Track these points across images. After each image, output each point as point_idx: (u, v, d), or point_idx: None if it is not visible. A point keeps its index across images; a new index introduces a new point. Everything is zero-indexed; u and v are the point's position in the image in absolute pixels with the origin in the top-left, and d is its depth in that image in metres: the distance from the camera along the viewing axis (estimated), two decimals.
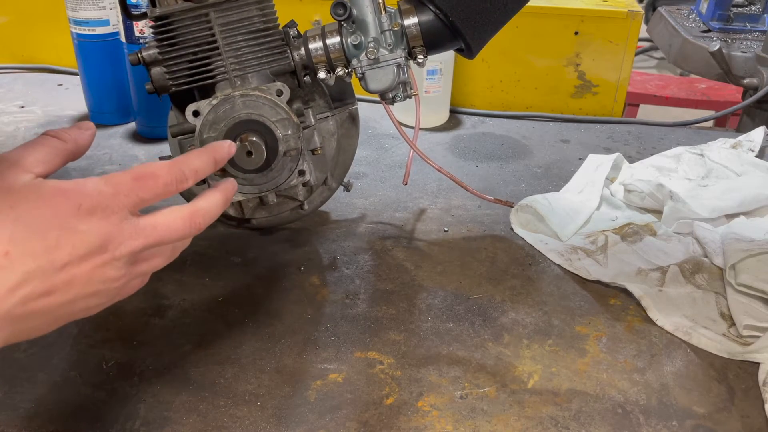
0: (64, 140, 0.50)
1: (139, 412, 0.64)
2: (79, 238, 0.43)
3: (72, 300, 0.45)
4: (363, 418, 0.64)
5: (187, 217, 0.50)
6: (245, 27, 0.74)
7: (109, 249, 0.45)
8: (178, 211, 0.50)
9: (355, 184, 0.97)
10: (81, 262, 0.44)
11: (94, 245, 0.44)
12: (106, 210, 0.45)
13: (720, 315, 0.77)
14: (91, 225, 0.44)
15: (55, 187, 0.44)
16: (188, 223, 0.50)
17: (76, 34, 1.18)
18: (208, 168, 0.54)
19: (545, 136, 1.26)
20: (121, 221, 0.46)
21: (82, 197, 0.44)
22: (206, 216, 0.52)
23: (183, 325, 0.75)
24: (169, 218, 0.49)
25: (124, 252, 0.46)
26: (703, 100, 2.31)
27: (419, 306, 0.79)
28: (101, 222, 0.44)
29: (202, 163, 0.53)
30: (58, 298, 0.44)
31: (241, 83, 0.75)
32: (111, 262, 0.45)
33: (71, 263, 0.43)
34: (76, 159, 0.51)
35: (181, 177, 0.50)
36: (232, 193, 0.57)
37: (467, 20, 0.75)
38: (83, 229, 0.44)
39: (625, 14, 1.28)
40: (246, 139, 0.72)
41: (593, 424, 0.64)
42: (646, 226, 0.91)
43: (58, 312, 0.45)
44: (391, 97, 0.80)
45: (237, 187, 0.57)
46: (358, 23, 0.75)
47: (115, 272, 0.46)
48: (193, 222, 0.51)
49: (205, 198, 0.53)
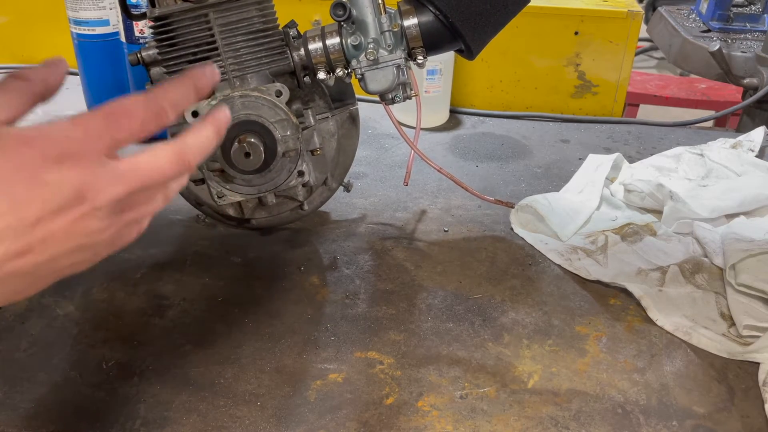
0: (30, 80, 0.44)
1: (139, 412, 0.64)
2: (49, 191, 0.39)
3: (53, 257, 0.41)
4: (363, 418, 0.64)
5: (173, 156, 0.44)
6: (245, 27, 0.74)
7: (87, 199, 0.40)
8: (163, 150, 0.44)
9: (355, 184, 0.97)
10: (56, 217, 0.40)
11: (68, 197, 0.40)
12: (77, 156, 0.40)
13: (720, 315, 0.77)
14: (61, 175, 0.39)
15: (16, 135, 0.40)
16: (176, 163, 0.44)
17: (76, 34, 1.18)
18: (190, 98, 0.47)
19: (545, 136, 1.26)
20: (96, 167, 0.41)
21: (48, 145, 0.39)
22: (196, 153, 0.46)
23: (183, 325, 0.75)
24: (152, 159, 0.44)
25: (105, 201, 0.41)
26: (703, 100, 2.31)
27: (419, 306, 0.79)
28: (73, 170, 0.40)
29: (182, 93, 0.46)
30: (37, 257, 0.40)
31: (240, 84, 0.75)
32: (91, 213, 0.41)
33: (44, 218, 0.39)
34: (46, 101, 0.46)
35: (159, 111, 0.44)
36: (225, 124, 0.49)
37: (467, 21, 0.75)
38: (53, 180, 0.39)
39: (625, 14, 1.28)
40: (244, 141, 0.72)
41: (593, 424, 0.64)
42: (646, 226, 0.91)
43: (40, 271, 0.41)
44: (391, 97, 0.80)
45: (229, 116, 0.49)
46: (358, 24, 0.75)
47: (99, 223, 0.42)
48: (181, 160, 0.45)
49: (193, 132, 0.46)
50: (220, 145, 0.73)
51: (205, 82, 0.48)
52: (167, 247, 0.89)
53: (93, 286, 0.81)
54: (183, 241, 0.91)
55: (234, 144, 0.72)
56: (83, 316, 0.76)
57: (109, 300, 0.79)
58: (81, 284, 0.81)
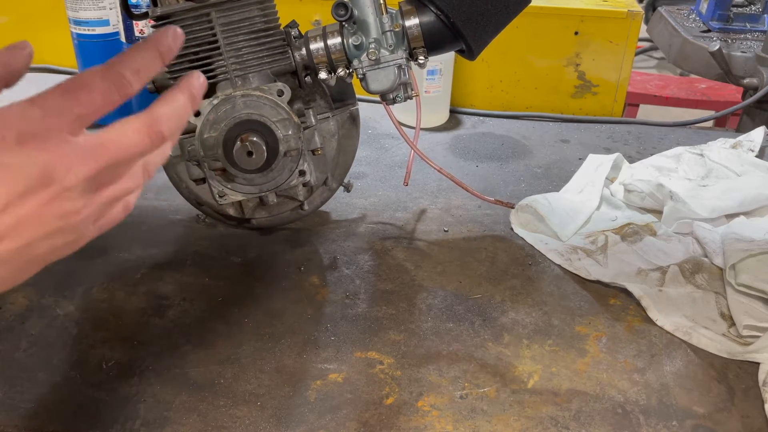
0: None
1: (139, 412, 0.64)
2: (11, 175, 0.37)
3: (29, 243, 0.39)
4: (363, 418, 0.64)
5: (143, 128, 0.42)
6: (246, 27, 0.74)
7: (55, 180, 0.38)
8: (132, 123, 0.42)
9: (355, 184, 0.97)
10: (23, 200, 0.38)
11: (34, 179, 0.38)
12: (39, 136, 0.38)
13: (720, 315, 0.77)
14: (23, 157, 0.38)
15: None
16: (146, 135, 0.42)
17: (76, 34, 1.18)
18: (154, 64, 0.43)
19: (545, 136, 1.26)
20: (60, 146, 0.39)
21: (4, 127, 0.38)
22: (169, 122, 0.43)
23: (183, 325, 0.75)
24: (120, 132, 0.41)
25: (75, 180, 0.39)
26: (703, 100, 2.31)
27: (419, 306, 0.79)
28: (35, 151, 0.38)
29: (144, 59, 0.43)
30: (11, 244, 0.39)
31: (242, 83, 0.75)
32: (62, 194, 0.39)
33: (11, 203, 0.38)
34: (11, 86, 0.44)
35: (120, 81, 0.41)
36: (200, 90, 0.46)
37: (468, 21, 0.75)
38: (15, 163, 0.37)
39: (625, 14, 1.28)
40: (246, 139, 0.72)
41: (593, 424, 0.64)
42: (646, 226, 0.91)
43: (19, 259, 0.40)
44: (392, 97, 0.80)
45: (204, 82, 0.46)
46: (360, 24, 0.75)
47: (72, 204, 0.40)
48: (152, 131, 0.42)
49: (164, 101, 0.44)
50: (223, 144, 0.73)
51: (168, 44, 0.44)
52: (167, 247, 0.89)
53: (93, 286, 0.81)
54: (183, 241, 0.91)
55: (236, 143, 0.72)
56: (83, 316, 0.77)
57: (109, 300, 0.79)
58: (81, 284, 0.81)
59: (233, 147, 0.72)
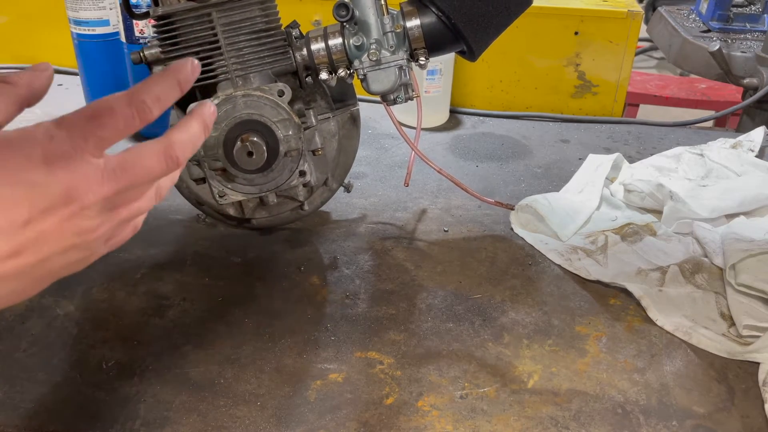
0: (16, 85, 0.45)
1: (139, 412, 0.64)
2: (37, 192, 0.39)
3: (47, 258, 0.41)
4: (363, 418, 0.64)
5: (161, 153, 0.44)
6: (247, 27, 0.74)
7: (76, 199, 0.41)
8: (150, 147, 0.44)
9: (355, 184, 0.97)
10: (46, 217, 0.40)
11: (56, 197, 0.40)
12: (64, 156, 0.40)
13: (720, 315, 0.77)
14: (48, 176, 0.40)
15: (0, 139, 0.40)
16: (163, 159, 0.45)
17: (76, 34, 1.18)
18: (172, 93, 0.47)
19: (545, 136, 1.26)
20: (82, 167, 0.41)
21: (32, 146, 0.40)
22: (183, 148, 0.46)
23: (183, 325, 0.75)
24: (139, 156, 0.44)
25: (94, 200, 0.42)
26: (703, 100, 2.31)
27: (419, 306, 0.79)
28: (59, 171, 0.40)
29: (164, 87, 0.46)
30: (30, 258, 0.40)
31: (242, 83, 0.75)
32: (80, 212, 0.41)
33: (34, 219, 0.39)
34: (32, 105, 0.46)
35: (142, 107, 0.44)
36: (211, 118, 0.49)
37: (469, 23, 0.75)
38: (40, 181, 0.39)
39: (625, 14, 1.28)
40: (247, 140, 0.72)
41: (593, 424, 0.64)
42: (646, 226, 0.91)
43: (35, 272, 0.42)
44: (393, 98, 0.80)
45: (215, 111, 0.50)
46: (361, 24, 0.75)
47: (89, 222, 0.42)
48: (169, 157, 0.45)
49: (180, 128, 0.47)
50: (223, 144, 0.73)
51: (186, 75, 0.47)
52: (167, 247, 0.89)
53: (93, 286, 0.81)
54: (183, 241, 0.91)
55: (237, 143, 0.72)
56: (83, 316, 0.77)
57: (109, 300, 0.79)
58: (81, 284, 0.81)
59: (234, 147, 0.72)
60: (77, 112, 0.42)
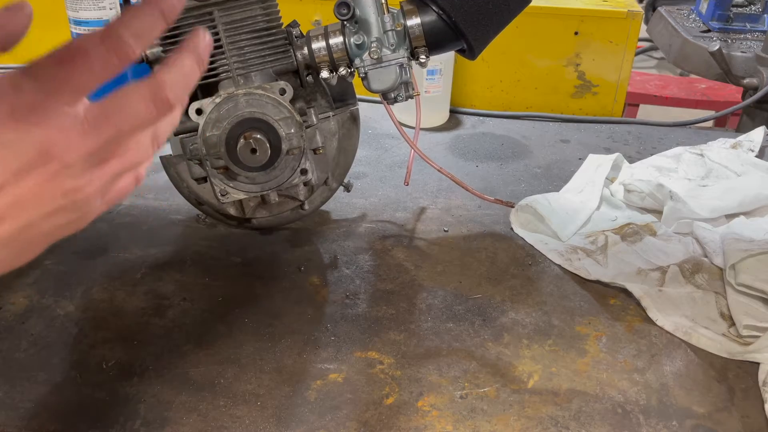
0: None
1: (139, 412, 0.64)
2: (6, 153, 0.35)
3: (29, 223, 0.37)
4: (363, 418, 0.64)
5: (148, 96, 0.38)
6: (249, 26, 0.74)
7: (54, 156, 0.36)
8: (136, 90, 0.38)
9: (355, 184, 0.97)
10: (21, 179, 0.36)
11: (31, 156, 0.35)
12: (35, 109, 0.35)
13: (720, 315, 0.77)
14: (18, 133, 0.35)
15: None
16: (151, 103, 0.38)
17: (76, 34, 1.18)
18: (155, 25, 0.39)
19: (545, 136, 1.26)
20: (58, 120, 0.36)
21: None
22: (175, 88, 0.39)
23: (183, 325, 0.75)
24: (124, 101, 0.38)
25: (75, 155, 0.37)
26: (703, 100, 2.31)
27: (419, 306, 0.79)
28: (31, 126, 0.35)
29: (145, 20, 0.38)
30: (13, 224, 0.37)
31: (244, 82, 0.75)
32: (62, 170, 0.37)
33: (8, 183, 0.35)
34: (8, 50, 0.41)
35: (120, 45, 0.37)
36: (207, 50, 0.41)
37: (470, 21, 0.75)
38: (10, 140, 0.35)
39: (625, 14, 1.28)
40: (250, 137, 0.72)
41: (593, 424, 0.64)
42: (646, 226, 0.91)
43: (21, 238, 0.38)
44: (393, 97, 0.80)
45: (211, 42, 0.42)
46: (361, 23, 0.75)
47: (75, 181, 0.38)
48: (158, 99, 0.39)
49: (170, 65, 0.40)
50: (225, 142, 0.73)
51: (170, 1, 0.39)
52: (167, 247, 0.89)
53: (93, 286, 0.81)
54: (183, 241, 0.91)
55: (240, 140, 0.72)
56: (83, 316, 0.76)
57: (109, 300, 0.79)
58: (81, 284, 0.81)
59: (236, 145, 0.72)
60: (46, 57, 0.36)
